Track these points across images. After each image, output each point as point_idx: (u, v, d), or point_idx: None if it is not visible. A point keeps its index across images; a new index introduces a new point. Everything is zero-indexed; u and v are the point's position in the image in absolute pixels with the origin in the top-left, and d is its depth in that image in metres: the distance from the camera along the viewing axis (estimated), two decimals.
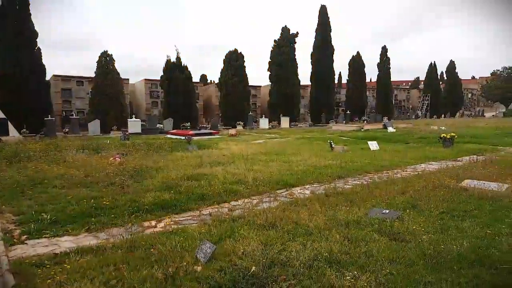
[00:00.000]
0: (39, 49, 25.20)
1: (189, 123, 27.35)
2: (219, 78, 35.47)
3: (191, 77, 30.92)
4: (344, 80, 52.50)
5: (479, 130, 21.96)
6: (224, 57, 34.62)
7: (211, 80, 64.00)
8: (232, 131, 23.16)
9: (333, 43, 40.99)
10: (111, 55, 28.02)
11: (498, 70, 69.38)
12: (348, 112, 42.52)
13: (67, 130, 24.54)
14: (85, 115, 31.13)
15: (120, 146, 14.17)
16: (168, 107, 29.70)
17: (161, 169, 8.89)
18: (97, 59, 27.73)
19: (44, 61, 25.39)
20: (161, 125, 28.13)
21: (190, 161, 10.22)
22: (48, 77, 27.44)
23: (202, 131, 23.25)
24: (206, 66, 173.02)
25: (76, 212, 5.40)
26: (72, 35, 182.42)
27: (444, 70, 62.50)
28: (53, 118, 23.50)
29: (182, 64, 30.29)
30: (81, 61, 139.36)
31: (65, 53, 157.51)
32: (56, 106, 30.08)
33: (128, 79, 35.28)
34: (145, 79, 37.96)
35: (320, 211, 5.18)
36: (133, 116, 27.62)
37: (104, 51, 27.92)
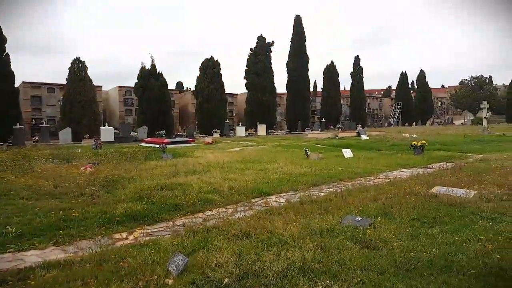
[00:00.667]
0: (7, 55, 24.29)
1: (164, 131, 26.94)
2: (195, 85, 35.29)
3: (166, 84, 30.62)
4: (319, 89, 53.31)
5: (448, 138, 22.78)
6: (200, 65, 34.52)
7: (187, 88, 63.60)
8: (208, 139, 23.01)
9: (308, 52, 41.72)
10: (84, 61, 27.40)
11: (466, 79, 72.44)
12: (323, 120, 43.24)
13: (36, 138, 23.67)
14: (56, 123, 30.17)
15: (92, 155, 13.82)
16: (143, 114, 29.23)
17: (133, 179, 8.69)
18: (69, 65, 27.05)
19: (13, 67, 24.47)
20: (135, 133, 27.62)
21: (164, 170, 10.05)
22: (17, 84, 26.47)
23: (178, 139, 22.95)
24: (182, 73, 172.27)
25: (43, 224, 5.19)
26: (43, 40, 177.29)
27: (415, 79, 64.77)
28: (22, 127, 22.60)
29: (157, 71, 29.98)
30: (52, 67, 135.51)
31: (35, 59, 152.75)
32: (25, 114, 28.96)
33: (101, 86, 34.53)
34: (119, 86, 37.28)
35: (295, 220, 5.19)
36: (106, 124, 26.99)
37: (76, 57, 27.26)
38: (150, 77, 29.22)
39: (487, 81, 72.67)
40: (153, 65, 29.88)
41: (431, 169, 10.34)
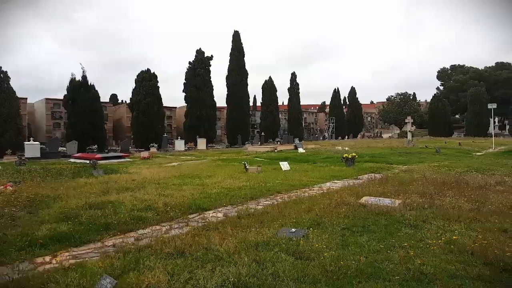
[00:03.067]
0: None
1: (96, 146, 25.57)
2: (130, 98, 34.06)
3: (98, 97, 29.21)
4: (258, 103, 54.46)
5: (377, 150, 24.38)
6: (136, 77, 33.45)
7: (122, 100, 61.24)
8: (145, 154, 22.19)
9: (247, 67, 42.54)
10: (6, 72, 25.20)
11: (393, 96, 78.79)
12: (263, 133, 44.07)
13: None
14: None
15: (14, 173, 12.64)
16: (72, 128, 27.48)
17: (59, 198, 8.06)
18: None
19: None
20: (64, 149, 25.76)
21: (94, 187, 9.47)
22: None
23: (111, 154, 21.84)
24: (117, 86, 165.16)
25: None
26: None
27: (347, 95, 68.95)
28: None
29: (89, 83, 28.51)
30: None
31: None
32: None
33: (26, 98, 32.00)
34: (46, 99, 34.77)
35: (232, 234, 5.15)
36: (31, 139, 24.85)
37: None
38: (80, 89, 27.68)
39: (411, 97, 79.65)
40: (84, 76, 28.43)
41: (361, 180, 10.98)
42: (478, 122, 55.52)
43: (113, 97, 66.76)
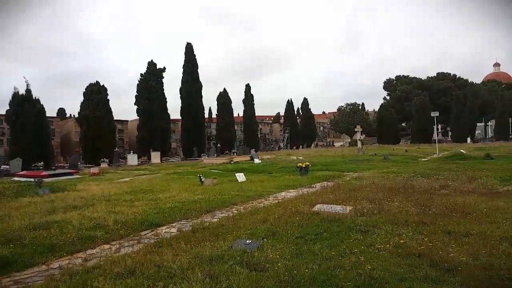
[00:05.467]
0: None
1: (42, 163, 23.92)
2: (79, 112, 32.54)
3: (44, 111, 27.67)
4: (214, 115, 54.30)
5: (329, 159, 25.16)
6: (84, 90, 32.08)
7: (70, 114, 58.43)
8: (95, 170, 21.19)
9: (201, 79, 42.37)
10: None
11: (343, 106, 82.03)
12: (219, 145, 43.86)
13: None
14: None
15: None
16: (16, 145, 25.77)
17: (0, 219, 7.49)
18: None
19: None
20: (7, 166, 23.98)
21: (39, 207, 8.90)
22: None
23: (59, 171, 20.63)
24: (64, 99, 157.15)
25: None
26: None
27: (300, 106, 70.82)
28: None
29: (34, 97, 26.90)
30: None
31: None
32: None
33: None
34: None
35: (185, 250, 5.02)
36: None
37: None
38: (24, 104, 26.04)
39: (360, 107, 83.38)
40: (28, 90, 26.83)
41: (314, 188, 11.22)
42: (423, 130, 59.25)
43: (61, 111, 63.69)
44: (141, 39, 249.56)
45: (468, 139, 59.80)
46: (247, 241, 5.16)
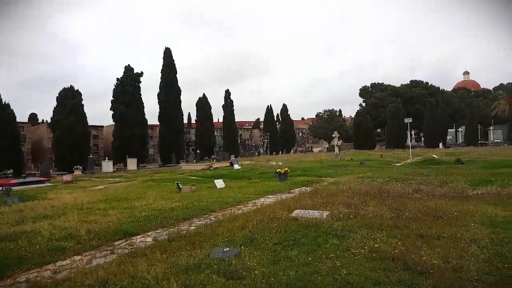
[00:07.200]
0: None
1: (11, 170, 23.13)
2: (51, 117, 31.59)
3: (14, 117, 26.83)
4: (193, 121, 53.92)
5: (308, 164, 25.38)
6: (58, 95, 31.21)
7: (43, 120, 56.67)
8: (68, 177, 20.56)
9: (180, 84, 42.03)
10: None
11: (321, 112, 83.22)
12: (198, 151, 43.49)
13: None
14: None
15: None
16: None
17: None
18: None
19: None
20: None
21: (7, 217, 8.56)
22: None
23: (29, 179, 19.91)
24: (37, 104, 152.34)
25: None
26: None
27: (279, 112, 71.37)
28: None
29: (3, 102, 26.00)
30: None
31: None
32: None
33: None
34: None
35: (161, 259, 4.92)
36: None
37: None
38: None
39: (337, 113, 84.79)
40: None
41: (293, 194, 11.27)
42: (397, 135, 60.85)
43: (33, 117, 61.76)
44: (118, 44, 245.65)
45: (440, 145, 61.80)
46: (225, 249, 5.11)
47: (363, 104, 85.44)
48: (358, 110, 75.40)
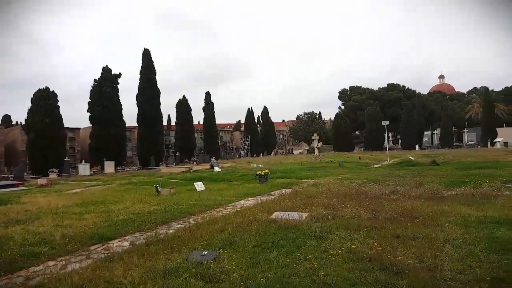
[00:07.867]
0: None
1: None
2: (26, 119, 30.64)
3: None
4: (173, 123, 53.36)
5: (288, 166, 25.53)
6: (32, 96, 30.29)
7: (16, 122, 54.89)
8: (42, 181, 19.95)
9: (159, 86, 41.52)
10: None
11: (301, 115, 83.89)
12: (178, 153, 43.05)
13: None
14: None
15: None
16: None
17: None
18: None
19: None
20: None
21: None
22: None
23: (2, 182, 19.28)
24: (10, 106, 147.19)
25: None
26: None
27: (260, 114, 71.57)
28: None
29: None
30: None
31: None
32: None
33: None
34: None
35: (138, 264, 4.83)
36: None
37: None
38: None
39: (317, 116, 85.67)
40: None
41: (273, 196, 11.30)
42: (375, 138, 62.07)
43: (6, 118, 59.75)
44: (96, 45, 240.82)
45: (417, 147, 63.37)
46: (204, 252, 5.06)
47: (342, 107, 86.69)
48: (337, 113, 76.43)
